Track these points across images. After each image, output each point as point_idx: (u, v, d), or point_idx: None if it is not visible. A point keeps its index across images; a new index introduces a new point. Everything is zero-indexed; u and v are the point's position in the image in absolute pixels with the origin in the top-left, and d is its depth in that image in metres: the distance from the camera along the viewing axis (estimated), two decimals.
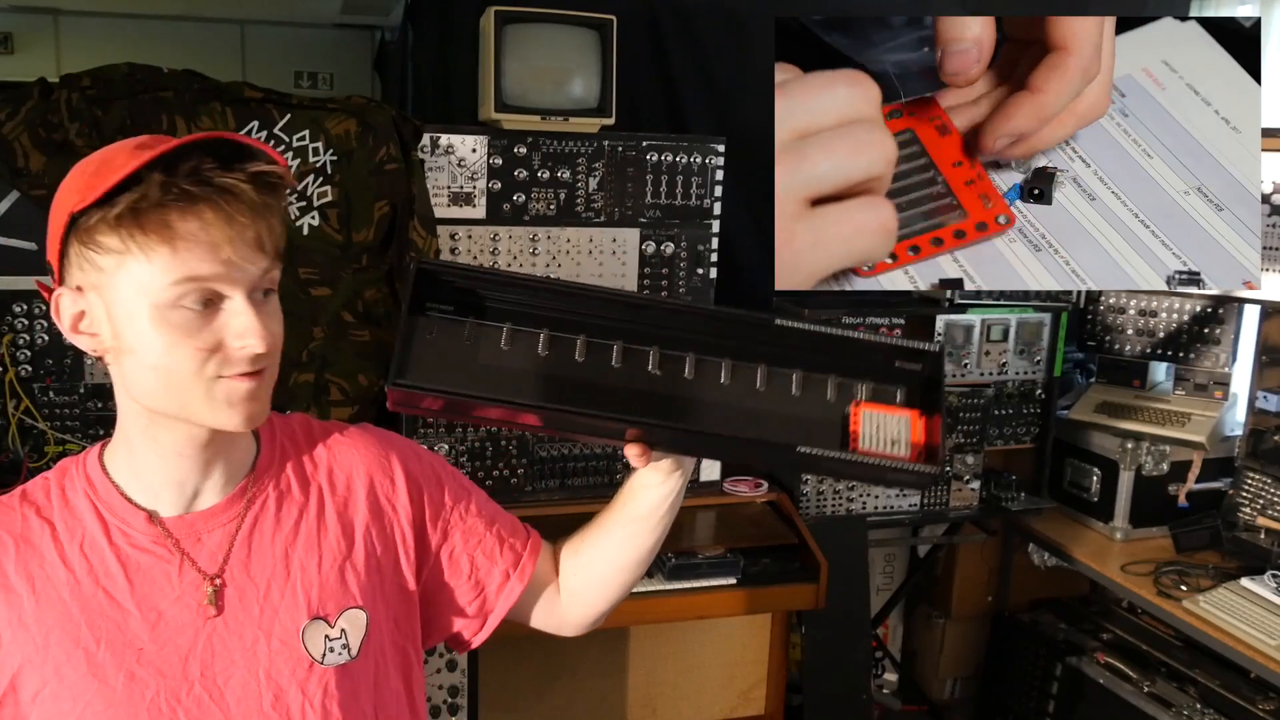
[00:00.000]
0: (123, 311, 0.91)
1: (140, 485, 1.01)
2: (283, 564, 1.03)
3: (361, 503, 1.10)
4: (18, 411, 2.26)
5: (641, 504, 1.15)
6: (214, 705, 0.98)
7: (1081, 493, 3.01)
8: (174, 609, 0.99)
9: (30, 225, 2.20)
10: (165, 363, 0.91)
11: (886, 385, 1.03)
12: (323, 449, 1.12)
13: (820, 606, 2.49)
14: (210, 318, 0.92)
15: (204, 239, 0.89)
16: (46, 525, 0.99)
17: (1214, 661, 2.57)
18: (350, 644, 1.04)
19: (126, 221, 0.88)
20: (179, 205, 0.88)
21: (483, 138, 2.42)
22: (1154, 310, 2.91)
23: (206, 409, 0.94)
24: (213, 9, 4.01)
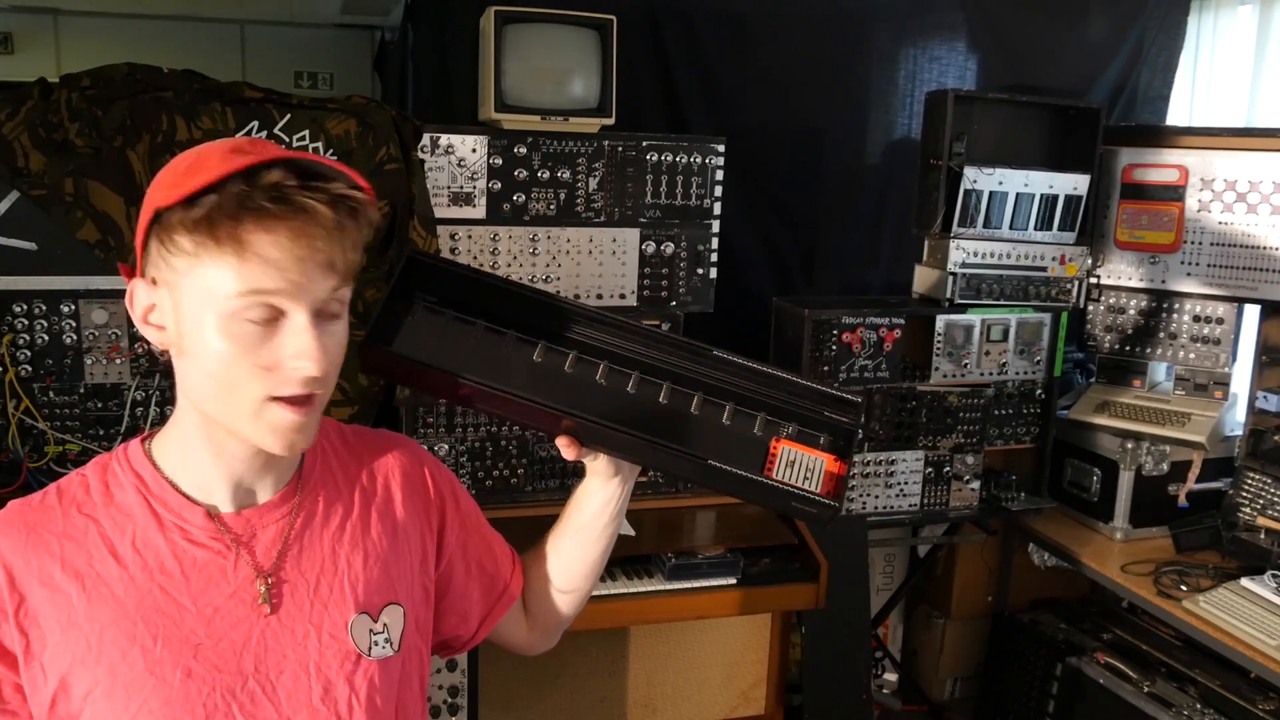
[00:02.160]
0: (189, 313, 0.92)
1: (195, 481, 1.01)
2: (331, 560, 1.06)
3: (398, 505, 1.14)
4: (18, 411, 2.25)
5: (586, 512, 1.23)
6: (266, 700, 0.99)
7: (1081, 493, 3.01)
8: (229, 604, 1.00)
9: (30, 225, 2.20)
10: (221, 373, 0.92)
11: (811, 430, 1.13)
12: (361, 452, 1.15)
13: (820, 606, 2.49)
14: (271, 335, 0.92)
15: (273, 255, 0.89)
16: (91, 522, 0.99)
17: (1214, 661, 2.57)
18: (392, 638, 1.07)
19: (202, 227, 0.89)
20: (254, 218, 0.89)
21: (483, 138, 2.42)
22: (1154, 310, 2.91)
23: (252, 429, 0.95)
24: (213, 9, 4.01)
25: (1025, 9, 3.32)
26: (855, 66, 3.23)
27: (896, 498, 2.86)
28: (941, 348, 2.82)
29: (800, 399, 1.15)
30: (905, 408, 2.82)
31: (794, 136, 3.19)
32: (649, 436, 1.10)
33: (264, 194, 0.89)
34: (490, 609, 1.25)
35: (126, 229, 2.22)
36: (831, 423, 1.13)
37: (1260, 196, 2.70)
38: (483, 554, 1.24)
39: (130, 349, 2.32)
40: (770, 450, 1.10)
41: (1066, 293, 2.89)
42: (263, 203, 0.88)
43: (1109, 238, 2.95)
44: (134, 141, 2.19)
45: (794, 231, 3.26)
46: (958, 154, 2.73)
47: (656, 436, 1.10)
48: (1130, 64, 3.41)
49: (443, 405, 2.49)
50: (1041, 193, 2.84)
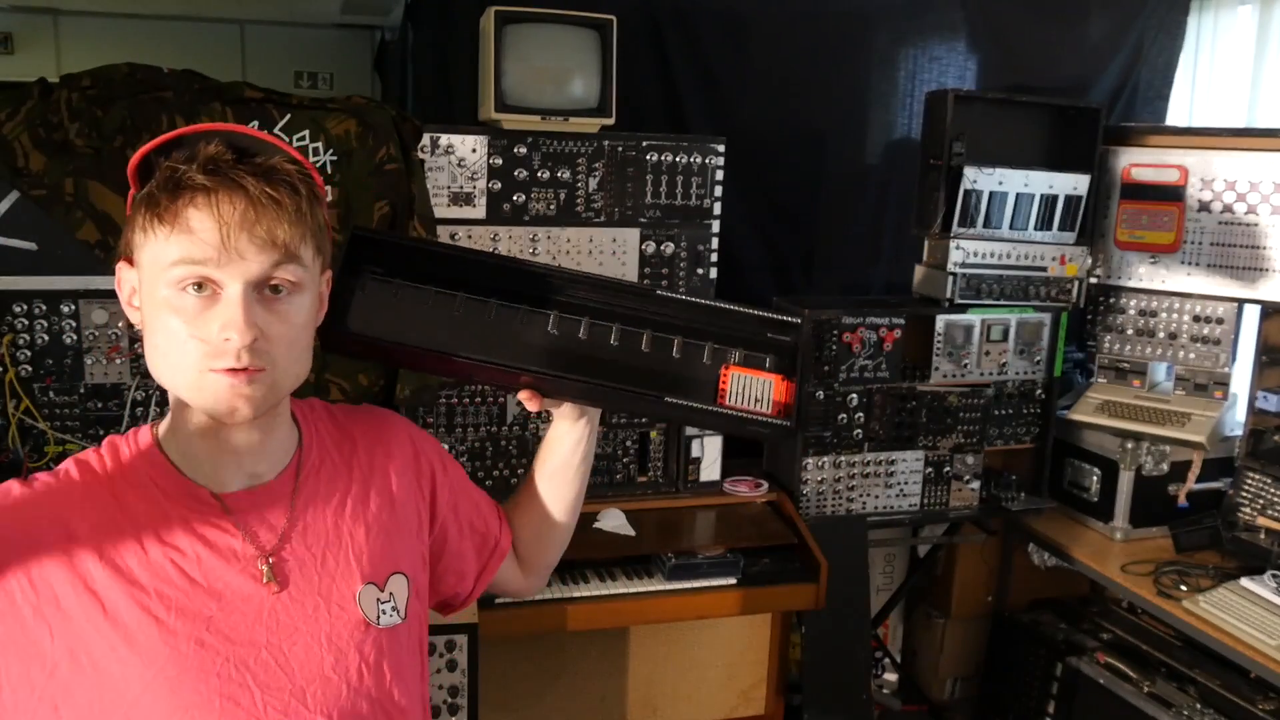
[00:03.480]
0: (145, 288, 0.98)
1: (196, 464, 1.04)
2: (335, 534, 1.09)
3: (392, 477, 1.18)
4: (18, 411, 2.25)
5: (557, 455, 1.30)
6: (279, 670, 1.02)
7: (1081, 493, 3.01)
8: (238, 580, 1.02)
9: (30, 225, 2.20)
10: (165, 345, 0.96)
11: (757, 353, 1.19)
12: (351, 429, 1.19)
13: (820, 606, 2.49)
14: (208, 308, 0.95)
15: (203, 226, 0.93)
16: (109, 499, 1.02)
17: (1214, 661, 2.56)
18: (399, 606, 1.11)
19: (145, 204, 0.95)
20: (189, 193, 0.93)
21: (483, 138, 2.42)
22: (1154, 310, 2.91)
23: (196, 399, 0.98)
24: (213, 9, 4.01)
25: (1025, 9, 3.32)
26: (855, 66, 3.23)
27: (896, 498, 2.86)
28: (941, 348, 2.82)
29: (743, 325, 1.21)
30: (905, 408, 2.82)
31: (794, 136, 3.19)
32: (605, 381, 1.15)
33: (198, 168, 0.94)
34: (484, 565, 1.31)
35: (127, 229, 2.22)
36: (775, 344, 1.20)
37: (1260, 196, 2.70)
38: (472, 514, 1.30)
39: (130, 349, 2.32)
40: (720, 378, 1.16)
41: (1066, 293, 2.89)
42: (195, 176, 0.93)
43: (1109, 238, 2.95)
44: (134, 141, 2.18)
45: (794, 231, 3.26)
46: (958, 154, 2.74)
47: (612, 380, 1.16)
48: (1130, 64, 3.41)
49: (442, 405, 2.49)
50: (1041, 193, 2.84)
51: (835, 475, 2.78)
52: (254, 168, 0.95)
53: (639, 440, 2.65)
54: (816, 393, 2.72)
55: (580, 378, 1.15)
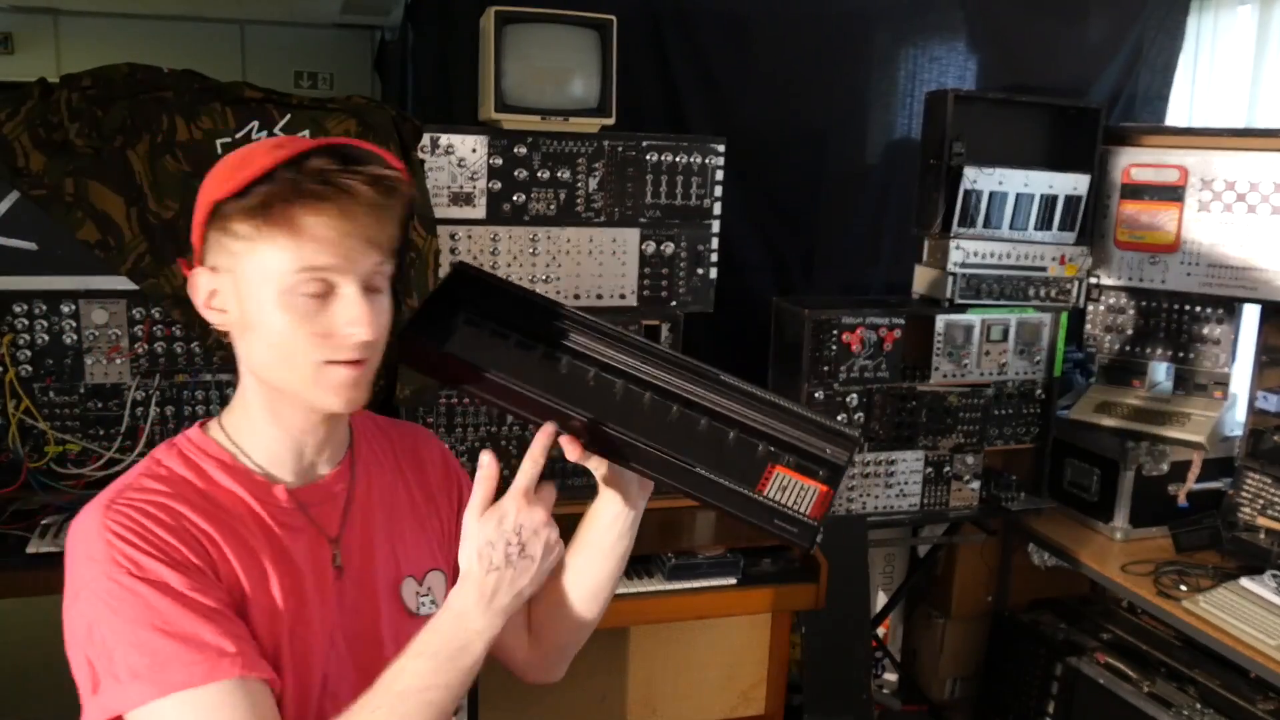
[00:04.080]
0: (249, 292, 1.01)
1: (266, 458, 1.10)
2: (381, 530, 1.16)
3: (430, 482, 1.26)
4: (18, 411, 2.25)
5: (594, 529, 1.24)
6: (346, 654, 1.10)
7: (1081, 493, 3.01)
8: (312, 570, 1.09)
9: (30, 225, 2.20)
10: (281, 343, 1.01)
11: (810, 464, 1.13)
12: (395, 434, 1.27)
13: (820, 606, 2.49)
14: (325, 306, 1.01)
15: (323, 233, 0.99)
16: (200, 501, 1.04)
17: (1214, 661, 2.56)
18: (436, 599, 1.18)
19: (258, 212, 0.98)
20: (304, 201, 0.98)
21: (483, 138, 2.42)
22: (1154, 310, 2.91)
23: (312, 390, 1.04)
24: (213, 9, 4.02)
25: (1025, 9, 3.32)
26: (855, 66, 3.23)
27: (896, 498, 2.86)
28: (941, 348, 2.82)
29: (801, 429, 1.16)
30: (905, 408, 2.82)
31: (794, 136, 3.18)
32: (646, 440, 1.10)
33: (310, 179, 0.98)
34: None
35: (126, 229, 2.22)
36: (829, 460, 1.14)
37: (1260, 196, 2.70)
38: None
39: (130, 349, 2.32)
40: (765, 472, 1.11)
41: (1066, 293, 2.89)
42: (310, 186, 0.98)
43: (1109, 238, 2.95)
44: (134, 141, 2.19)
45: (794, 231, 3.26)
46: (958, 154, 2.73)
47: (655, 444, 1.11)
48: (1130, 64, 3.41)
49: (443, 405, 2.49)
50: (1041, 193, 2.84)
51: None
52: (364, 175, 1.00)
53: None
54: (816, 393, 2.72)
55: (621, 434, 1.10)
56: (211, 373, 2.38)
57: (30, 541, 2.09)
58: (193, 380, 2.37)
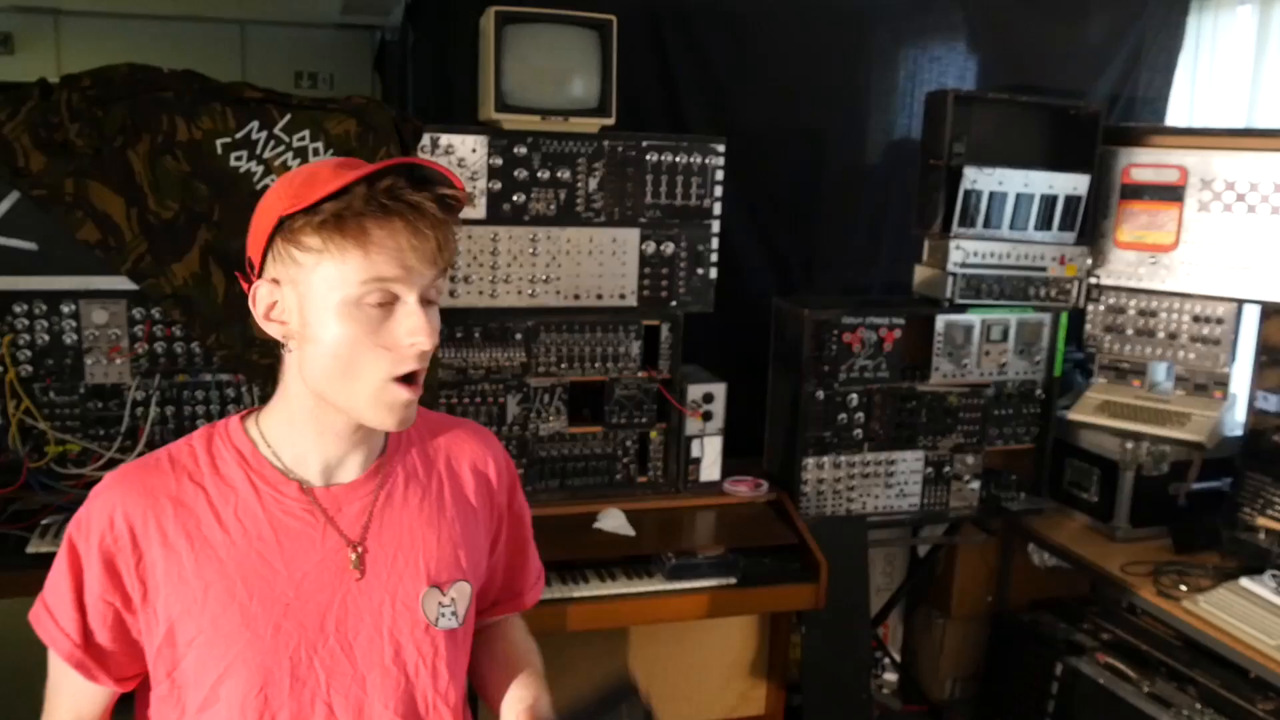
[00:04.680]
0: (314, 303, 1.05)
1: (292, 457, 1.14)
2: (408, 536, 1.17)
3: (470, 490, 1.26)
4: (18, 411, 2.26)
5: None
6: (344, 656, 1.11)
7: (1081, 493, 3.01)
8: (317, 570, 1.11)
9: (30, 225, 2.20)
10: (345, 354, 1.05)
11: None
12: (439, 438, 1.27)
13: (820, 606, 2.49)
14: (385, 317, 1.05)
15: (391, 246, 1.03)
16: (200, 490, 1.11)
17: (1214, 661, 2.56)
18: (458, 612, 1.19)
19: (329, 226, 1.02)
20: (375, 216, 1.02)
21: (483, 138, 2.42)
22: (1154, 310, 2.91)
23: (369, 406, 1.08)
24: (213, 9, 4.02)
25: (1025, 9, 3.32)
26: (855, 66, 3.23)
27: (896, 498, 2.86)
28: (941, 348, 2.82)
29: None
30: (905, 408, 2.82)
31: (794, 136, 3.18)
32: None
33: (383, 195, 1.02)
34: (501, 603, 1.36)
35: (127, 229, 2.22)
36: None
37: (1260, 196, 2.70)
38: (517, 555, 1.35)
39: (130, 349, 2.32)
40: None
41: (1066, 293, 2.89)
42: (384, 201, 1.02)
43: (1109, 238, 2.96)
44: (134, 141, 2.19)
45: (794, 231, 3.26)
46: (958, 154, 2.73)
47: None
48: (1130, 64, 3.41)
49: (443, 405, 2.49)
50: (1041, 193, 2.84)
51: (835, 475, 2.78)
52: (431, 194, 1.05)
53: (639, 440, 2.65)
54: (816, 393, 2.72)
55: None
56: (211, 373, 2.38)
57: (30, 541, 2.10)
58: (193, 380, 2.37)
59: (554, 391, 2.57)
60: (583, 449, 2.62)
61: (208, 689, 1.08)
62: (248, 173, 2.27)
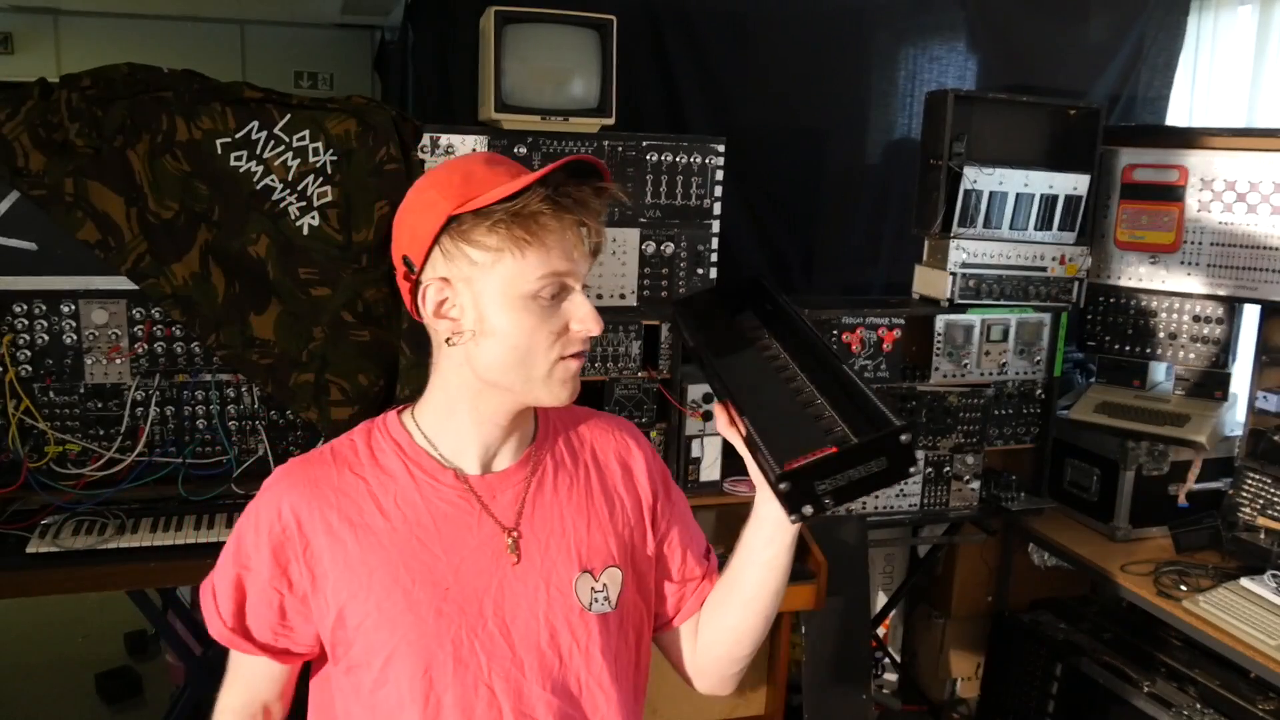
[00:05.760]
0: (492, 298, 1.09)
1: (449, 446, 1.18)
2: (558, 523, 1.20)
3: (619, 478, 1.28)
4: (18, 411, 2.26)
5: (751, 547, 1.21)
6: (502, 640, 1.14)
7: (1081, 493, 3.01)
8: (475, 555, 1.15)
9: (30, 225, 2.20)
10: (525, 343, 1.09)
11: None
12: (584, 428, 1.30)
13: (820, 606, 2.49)
14: (556, 307, 1.11)
15: (562, 241, 1.09)
16: (361, 480, 1.16)
17: (1214, 661, 2.56)
18: (610, 597, 1.21)
19: (507, 225, 1.06)
20: (551, 213, 1.07)
21: (483, 138, 2.42)
22: (1154, 310, 2.91)
23: (543, 385, 1.12)
24: (213, 9, 4.02)
25: (1025, 9, 3.32)
26: (855, 66, 3.23)
27: (896, 498, 2.86)
28: (941, 348, 2.82)
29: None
30: (905, 408, 2.82)
31: (794, 136, 3.19)
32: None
33: (557, 192, 1.07)
34: (681, 600, 1.33)
35: (126, 229, 2.22)
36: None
37: (1260, 196, 2.70)
38: (689, 543, 1.34)
39: (130, 349, 2.32)
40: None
41: (1066, 293, 2.89)
42: (558, 199, 1.07)
43: (1109, 238, 2.95)
44: (134, 141, 2.19)
45: (794, 231, 3.26)
46: (958, 154, 2.74)
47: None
48: (1130, 64, 3.41)
49: None
50: (1041, 193, 2.84)
51: None
52: (592, 189, 1.10)
53: None
54: None
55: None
56: (211, 373, 2.38)
57: (30, 541, 2.09)
58: (193, 380, 2.37)
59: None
60: None
61: (378, 670, 1.12)
62: (248, 172, 2.27)
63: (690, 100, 3.05)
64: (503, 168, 1.11)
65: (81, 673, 3.39)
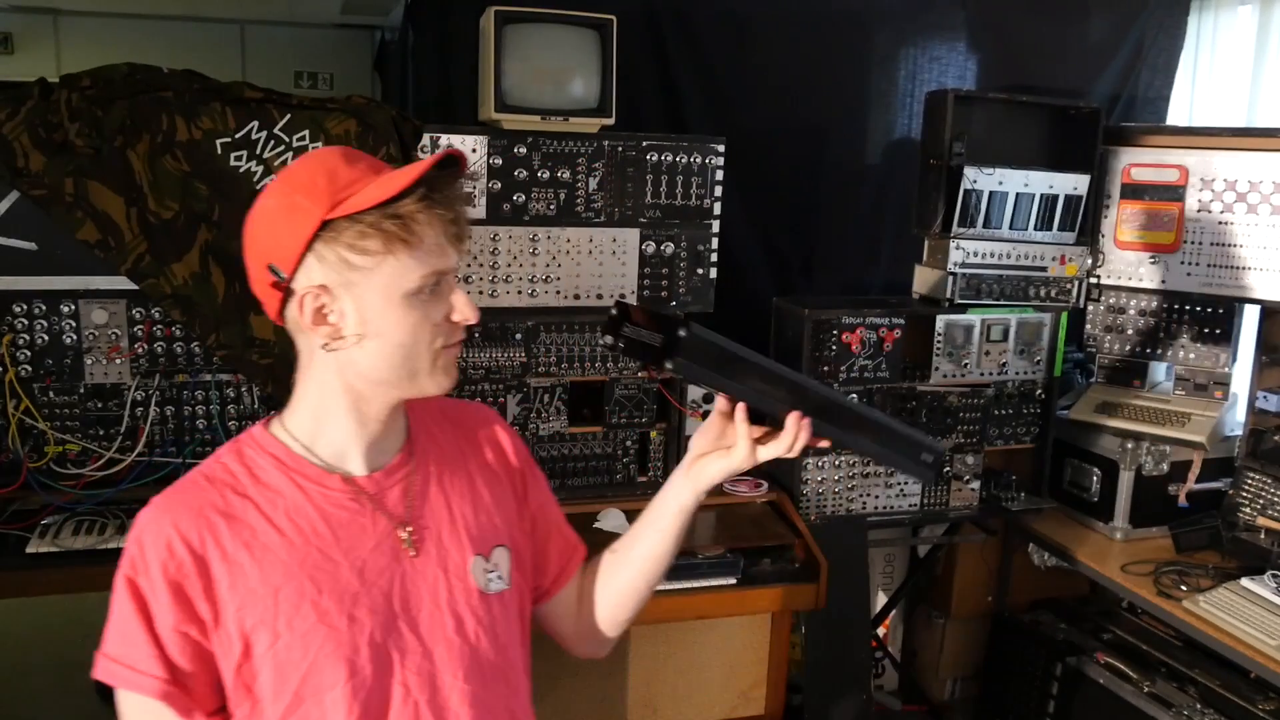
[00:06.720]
0: (375, 301, 1.08)
1: (329, 451, 1.17)
2: (446, 511, 1.22)
3: (492, 461, 1.31)
4: (18, 411, 2.26)
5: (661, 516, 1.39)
6: (412, 635, 1.15)
7: (1081, 493, 3.01)
8: (374, 555, 1.15)
9: (30, 225, 2.20)
10: (410, 340, 1.10)
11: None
12: (452, 415, 1.32)
13: (820, 606, 2.49)
14: (435, 300, 1.11)
15: (444, 237, 1.10)
16: (247, 501, 1.12)
17: (1214, 661, 2.56)
18: (504, 574, 1.24)
19: (388, 227, 1.05)
20: (429, 212, 1.07)
21: (483, 138, 2.42)
22: (1154, 310, 2.91)
23: (428, 376, 1.14)
24: (213, 9, 4.02)
25: (1025, 9, 3.32)
26: (855, 66, 3.23)
27: (896, 498, 2.86)
28: (941, 348, 2.82)
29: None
30: (905, 408, 2.82)
31: (794, 136, 3.18)
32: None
33: (433, 190, 1.07)
34: (563, 566, 1.39)
35: (126, 229, 2.22)
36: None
37: (1260, 196, 2.70)
38: (557, 517, 1.40)
39: (130, 349, 2.32)
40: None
41: (1066, 293, 2.89)
42: (434, 197, 1.07)
43: (1109, 238, 2.95)
44: (134, 141, 2.19)
45: (794, 231, 3.26)
46: (958, 154, 2.73)
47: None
48: (1130, 64, 3.41)
49: None
50: (1041, 193, 2.84)
51: (835, 475, 2.78)
52: (458, 183, 1.12)
53: (639, 440, 2.65)
54: None
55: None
56: (211, 373, 2.38)
57: (30, 541, 2.10)
58: (193, 380, 2.37)
59: (554, 391, 2.57)
60: (583, 449, 2.62)
61: (291, 694, 1.09)
62: (248, 172, 2.27)
63: (690, 100, 3.05)
64: (363, 164, 1.10)
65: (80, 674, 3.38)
